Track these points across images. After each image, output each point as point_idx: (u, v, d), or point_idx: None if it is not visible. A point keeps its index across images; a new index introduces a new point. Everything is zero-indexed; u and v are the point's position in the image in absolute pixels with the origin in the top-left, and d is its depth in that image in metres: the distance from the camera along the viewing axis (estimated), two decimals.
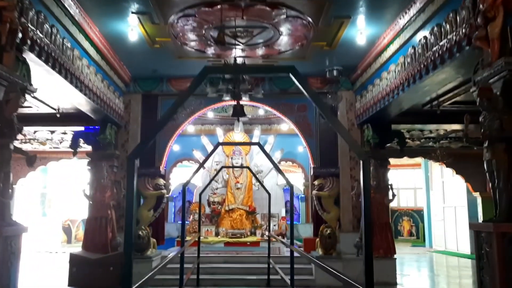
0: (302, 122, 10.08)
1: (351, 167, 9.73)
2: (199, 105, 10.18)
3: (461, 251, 14.87)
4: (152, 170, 9.93)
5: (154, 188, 9.93)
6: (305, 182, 15.08)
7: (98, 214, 9.07)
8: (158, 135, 9.94)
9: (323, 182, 9.80)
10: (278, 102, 10.11)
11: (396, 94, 7.38)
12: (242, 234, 11.52)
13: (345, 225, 9.57)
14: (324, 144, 9.95)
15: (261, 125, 13.80)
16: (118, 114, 9.58)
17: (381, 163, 9.31)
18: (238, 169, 12.60)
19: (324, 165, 9.86)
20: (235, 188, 12.44)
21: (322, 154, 9.92)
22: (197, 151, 13.66)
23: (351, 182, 9.68)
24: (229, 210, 12.28)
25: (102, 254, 8.74)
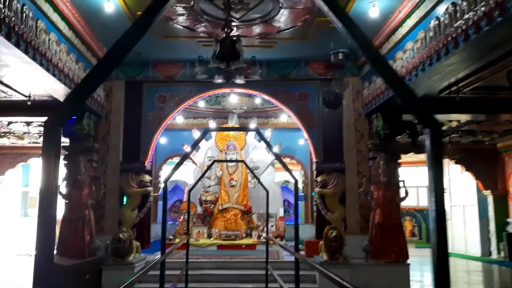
0: (303, 112, 9.09)
1: (358, 162, 8.75)
2: (189, 93, 9.16)
3: (470, 253, 13.96)
4: (136, 166, 8.90)
5: (139, 185, 8.91)
6: (304, 180, 14.11)
7: (74, 215, 8.03)
8: (143, 127, 8.94)
9: (326, 179, 8.81)
10: (277, 90, 9.11)
11: (414, 76, 6.40)
12: (236, 236, 10.52)
13: (352, 226, 8.59)
14: (328, 136, 8.97)
15: (257, 118, 12.82)
16: (97, 102, 8.54)
17: (391, 157, 8.33)
18: (232, 165, 11.60)
19: (328, 159, 8.88)
20: (229, 185, 11.43)
21: (326, 147, 8.93)
22: (188, 146, 12.62)
23: (358, 179, 8.70)
24: (222, 210, 11.27)
25: (78, 260, 7.71)
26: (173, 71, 8.98)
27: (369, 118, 8.70)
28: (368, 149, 8.71)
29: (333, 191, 8.74)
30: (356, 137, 8.79)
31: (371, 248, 7.87)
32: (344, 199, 8.75)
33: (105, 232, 8.45)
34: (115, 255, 7.62)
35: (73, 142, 8.61)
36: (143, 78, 9.06)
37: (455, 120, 9.89)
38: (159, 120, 9.09)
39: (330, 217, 8.69)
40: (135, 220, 8.80)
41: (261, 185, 7.48)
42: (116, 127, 8.93)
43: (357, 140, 8.79)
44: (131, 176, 8.90)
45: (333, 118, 8.99)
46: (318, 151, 8.95)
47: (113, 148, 8.85)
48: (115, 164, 8.82)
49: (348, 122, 8.85)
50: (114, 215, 8.69)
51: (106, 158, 8.82)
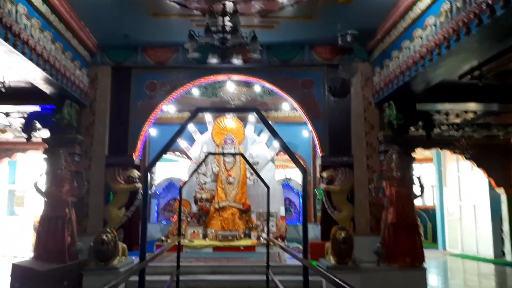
0: (307, 101, 8.27)
1: (367, 155, 7.95)
2: (182, 80, 8.34)
3: (481, 255, 13.15)
4: (123, 159, 8.08)
5: (126, 181, 8.09)
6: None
7: (53, 213, 7.21)
8: (131, 117, 8.14)
9: (333, 174, 8.01)
10: (278, 77, 8.30)
11: (436, 55, 5.59)
12: (234, 237, 9.71)
13: (361, 227, 7.78)
14: (334, 127, 8.16)
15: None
16: (80, 89, 7.72)
17: (405, 150, 7.53)
18: (229, 160, 10.79)
19: (334, 153, 8.07)
20: (226, 182, 10.61)
21: (332, 139, 8.13)
22: (183, 140, 11.82)
23: (368, 174, 7.89)
24: (219, 209, 10.46)
25: (57, 264, 6.89)
26: (164, 56, 8.16)
27: (380, 107, 7.89)
28: (379, 142, 7.90)
29: (340, 188, 7.93)
30: (366, 128, 7.98)
31: (384, 251, 7.06)
32: (352, 197, 7.94)
33: (88, 232, 7.64)
34: (98, 259, 6.80)
35: (53, 133, 7.81)
36: (131, 63, 8.24)
37: (471, 111, 9.10)
38: (149, 110, 8.27)
39: (337, 216, 7.88)
40: (122, 219, 7.99)
41: (261, 181, 6.67)
42: (101, 117, 8.11)
43: (366, 132, 7.98)
44: (118, 171, 8.07)
45: (340, 108, 8.19)
46: (324, 144, 8.14)
47: (98, 140, 8.03)
48: (100, 157, 8.01)
49: (357, 112, 8.04)
50: (98, 214, 7.87)
51: (90, 151, 8.00)
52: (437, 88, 7.25)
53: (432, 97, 7.92)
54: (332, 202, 7.98)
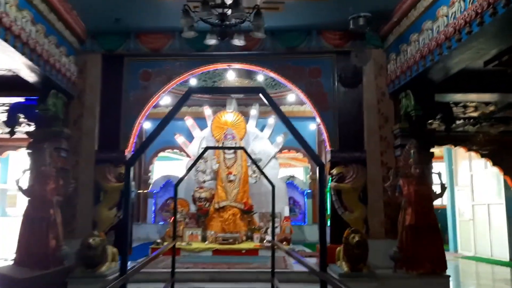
0: (315, 92, 7.59)
1: (382, 151, 7.26)
2: (178, 69, 7.66)
3: (496, 257, 12.44)
4: (114, 155, 7.39)
5: (118, 179, 7.41)
6: (311, 175, 12.63)
7: (36, 214, 6.54)
8: (124, 109, 7.46)
9: (343, 171, 7.32)
10: (283, 65, 7.61)
11: (466, 34, 4.90)
12: (235, 239, 9.04)
13: (375, 229, 7.10)
14: (345, 120, 7.47)
15: (259, 105, 11.35)
16: (67, 78, 7.05)
17: (424, 145, 6.84)
18: (230, 156, 10.11)
19: (345, 148, 7.39)
20: (226, 180, 9.93)
21: (343, 133, 7.44)
22: (180, 136, 11.16)
23: (382, 171, 7.21)
24: (219, 209, 9.79)
25: (40, 271, 6.23)
26: (160, 43, 7.49)
27: (396, 98, 7.20)
28: (394, 135, 7.22)
29: (352, 186, 7.25)
30: (380, 121, 7.30)
31: (401, 256, 6.38)
32: (365, 196, 7.26)
33: (76, 235, 6.96)
34: (84, 265, 6.13)
35: (38, 126, 7.14)
36: (123, 51, 7.56)
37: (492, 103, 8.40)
38: (143, 101, 7.59)
39: (348, 218, 7.20)
40: (113, 221, 7.31)
41: (265, 178, 5.99)
42: (90, 109, 7.43)
43: (380, 125, 7.29)
44: (109, 168, 7.40)
45: (351, 99, 7.51)
46: (333, 138, 7.45)
47: (87, 134, 7.36)
48: (89, 153, 7.33)
49: (370, 103, 7.35)
50: (87, 214, 7.20)
51: (79, 146, 7.32)
52: (458, 77, 6.56)
53: (452, 87, 7.23)
54: (342, 202, 7.29)
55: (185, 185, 11.08)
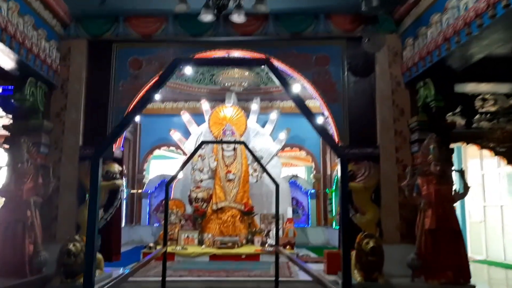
0: (322, 81, 6.89)
1: (397, 146, 6.56)
2: (172, 56, 6.95)
3: (509, 262, 11.75)
4: None
5: (105, 178, 6.71)
6: (315, 174, 11.93)
7: (11, 217, 5.86)
8: (112, 100, 6.77)
9: (354, 169, 6.63)
10: (287, 52, 6.92)
11: (503, 8, 4.20)
12: (234, 243, 8.34)
13: (389, 233, 6.39)
14: (355, 112, 6.78)
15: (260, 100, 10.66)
16: (48, 65, 6.34)
17: (444, 140, 6.14)
18: (229, 154, 9.41)
19: (356, 143, 6.69)
20: (225, 180, 9.23)
21: (353, 127, 6.75)
22: (176, 131, 10.47)
23: (398, 169, 6.51)
24: (217, 210, 9.09)
25: (16, 280, 5.54)
26: (151, 27, 6.80)
27: (412, 87, 6.51)
28: (410, 129, 6.52)
29: (364, 186, 6.55)
30: (394, 113, 6.60)
31: (420, 264, 5.68)
32: (378, 196, 6.56)
33: (57, 240, 6.27)
34: (64, 274, 5.42)
35: (15, 119, 6.45)
36: (111, 36, 6.87)
37: None
38: (133, 92, 6.88)
39: (359, 220, 6.50)
40: (99, 223, 6.60)
41: (268, 176, 5.29)
42: (75, 100, 6.73)
43: (395, 118, 6.60)
44: None
45: (362, 89, 6.82)
46: (343, 132, 6.76)
47: (71, 128, 6.66)
48: (73, 149, 6.63)
49: (383, 94, 6.65)
50: (70, 217, 6.50)
51: (61, 141, 6.63)
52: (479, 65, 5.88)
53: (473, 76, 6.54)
54: (353, 203, 6.60)
55: (181, 185, 10.39)
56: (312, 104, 12.05)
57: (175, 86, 11.15)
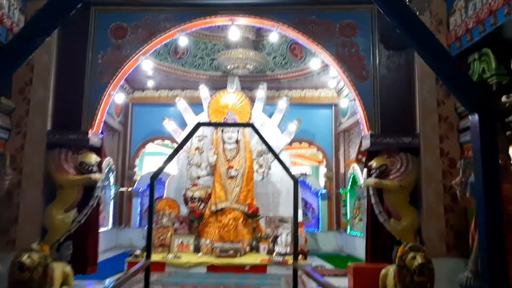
0: (348, 55, 5.62)
1: (441, 135, 5.29)
2: (164, 23, 5.68)
3: None
4: (74, 137, 5.43)
5: (78, 170, 5.44)
6: (327, 173, 10.64)
7: None
8: (89, 75, 5.49)
9: (387, 163, 5.36)
10: (306, 19, 5.65)
11: None
12: (237, 251, 7.05)
13: (432, 243, 5.11)
14: (389, 93, 5.52)
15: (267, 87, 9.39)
16: (7, 29, 5.06)
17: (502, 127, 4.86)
18: (231, 147, 8.13)
19: (389, 131, 5.43)
20: (226, 176, 7.94)
21: (386, 111, 5.49)
22: (170, 120, 9.19)
23: (442, 163, 5.23)
24: (216, 211, 7.80)
25: None
26: None
27: (463, 61, 5.22)
28: (458, 115, 5.26)
29: (399, 184, 5.28)
30: (438, 94, 5.34)
31: (478, 285, 4.40)
32: (417, 197, 5.29)
33: (18, 247, 4.96)
34: None
35: None
36: None
37: None
38: (115, 65, 5.63)
39: (394, 227, 5.24)
40: (71, 227, 5.34)
41: (285, 169, 4.03)
42: (42, 74, 5.47)
43: (439, 100, 5.33)
44: (66, 154, 5.44)
45: (397, 65, 5.56)
46: (373, 117, 5.49)
47: (37, 109, 5.40)
48: (39, 134, 5.37)
49: (424, 71, 5.37)
50: (34, 218, 5.23)
51: (24, 125, 5.36)
52: None
53: None
54: (384, 205, 5.33)
55: (176, 182, 9.11)
56: (324, 94, 10.91)
57: (171, 71, 9.88)
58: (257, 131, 4.19)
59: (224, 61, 8.31)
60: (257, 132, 4.19)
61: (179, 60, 9.87)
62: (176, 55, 9.79)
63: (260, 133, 4.20)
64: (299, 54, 9.76)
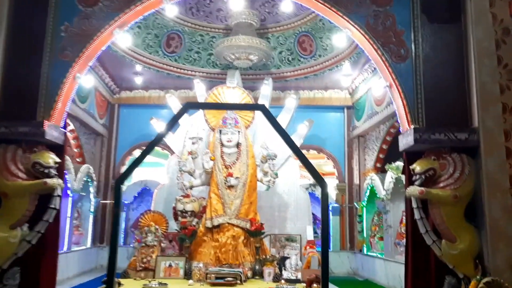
0: (382, 28, 4.41)
1: (507, 130, 4.04)
2: None
3: None
4: (25, 130, 4.14)
5: (31, 174, 4.16)
6: (339, 184, 9.36)
7: None
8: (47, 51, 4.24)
9: (435, 167, 4.10)
10: None
11: None
12: (236, 277, 5.72)
13: (499, 272, 3.81)
14: (436, 76, 4.29)
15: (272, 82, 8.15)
16: None
17: None
18: (231, 151, 6.83)
19: (437, 125, 4.19)
20: (224, 186, 6.62)
21: (432, 99, 4.26)
22: (159, 121, 7.96)
23: (509, 167, 3.97)
24: (212, 228, 6.48)
25: None
26: None
27: None
28: None
29: (454, 194, 4.00)
30: (502, 78, 4.10)
31: None
32: (475, 211, 4.01)
33: None
34: None
35: None
36: None
37: None
38: (83, 39, 4.38)
39: (446, 251, 3.96)
40: (18, 249, 4.02)
41: (311, 172, 2.72)
42: None
43: (503, 85, 4.09)
44: (14, 152, 4.16)
45: (446, 41, 4.34)
46: (415, 107, 4.25)
47: None
48: None
49: (482, 48, 4.15)
50: None
51: None
52: None
53: None
54: (434, 220, 4.05)
55: (165, 192, 7.82)
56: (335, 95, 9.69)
57: (162, 66, 8.71)
58: (270, 114, 2.95)
59: (224, 50, 7.12)
60: (269, 115, 2.94)
61: (171, 55, 8.70)
62: (169, 48, 8.61)
63: (274, 117, 2.96)
64: (309, 48, 8.59)
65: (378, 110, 7.68)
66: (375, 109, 7.85)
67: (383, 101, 7.39)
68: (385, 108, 7.32)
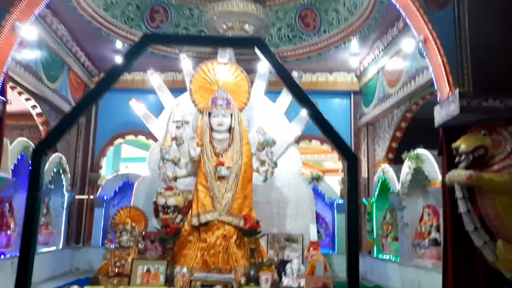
0: None
1: None
2: None
3: None
4: None
5: None
6: (344, 178, 8.38)
7: None
8: None
9: (487, 144, 3.11)
10: None
11: None
12: (228, 285, 4.73)
13: None
14: (483, 30, 3.30)
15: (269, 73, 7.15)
16: None
17: None
18: (222, 137, 5.84)
19: (487, 90, 3.21)
20: (214, 177, 5.62)
21: (480, 58, 3.26)
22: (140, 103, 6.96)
23: None
24: (200, 226, 5.48)
25: None
26: None
27: None
28: None
29: (509, 179, 3.02)
30: None
31: None
32: None
33: None
34: None
35: None
36: None
37: None
38: None
39: (503, 255, 2.97)
40: None
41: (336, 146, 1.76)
42: None
43: None
44: None
45: None
46: (458, 67, 3.27)
47: None
48: None
49: None
50: None
51: None
52: None
53: None
54: (483, 213, 3.07)
55: (147, 186, 6.86)
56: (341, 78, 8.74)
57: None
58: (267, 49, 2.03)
59: (214, 18, 6.10)
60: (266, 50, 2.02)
61: (156, 30, 7.69)
62: (153, 22, 7.61)
63: (272, 53, 2.06)
64: (312, 23, 7.62)
65: (392, 92, 6.71)
66: (388, 91, 6.88)
67: (398, 80, 6.42)
68: (401, 88, 6.35)
